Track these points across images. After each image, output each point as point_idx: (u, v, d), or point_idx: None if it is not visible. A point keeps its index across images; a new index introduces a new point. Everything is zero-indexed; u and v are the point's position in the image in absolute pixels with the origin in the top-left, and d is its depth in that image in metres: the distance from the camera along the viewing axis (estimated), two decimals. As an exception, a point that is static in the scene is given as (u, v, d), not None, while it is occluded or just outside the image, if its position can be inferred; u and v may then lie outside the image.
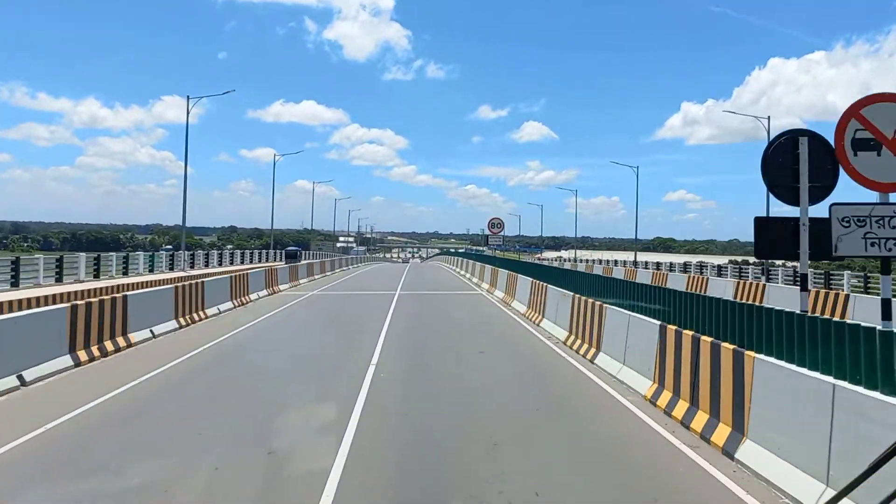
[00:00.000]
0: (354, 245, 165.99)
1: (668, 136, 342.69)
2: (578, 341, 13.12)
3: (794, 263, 7.95)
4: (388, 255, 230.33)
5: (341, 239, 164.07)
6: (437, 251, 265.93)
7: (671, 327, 8.75)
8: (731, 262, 66.53)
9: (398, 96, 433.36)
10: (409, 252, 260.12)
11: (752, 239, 7.81)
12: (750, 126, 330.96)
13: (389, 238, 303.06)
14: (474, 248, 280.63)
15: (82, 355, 10.85)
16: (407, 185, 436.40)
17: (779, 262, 30.58)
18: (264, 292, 24.70)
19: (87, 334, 11.14)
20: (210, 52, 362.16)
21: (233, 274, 21.40)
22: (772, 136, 8.87)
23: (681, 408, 7.94)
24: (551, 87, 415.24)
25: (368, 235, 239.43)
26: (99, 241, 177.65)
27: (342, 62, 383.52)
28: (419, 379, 10.12)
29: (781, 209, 7.22)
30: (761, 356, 6.46)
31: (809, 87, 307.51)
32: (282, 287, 27.85)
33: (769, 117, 35.95)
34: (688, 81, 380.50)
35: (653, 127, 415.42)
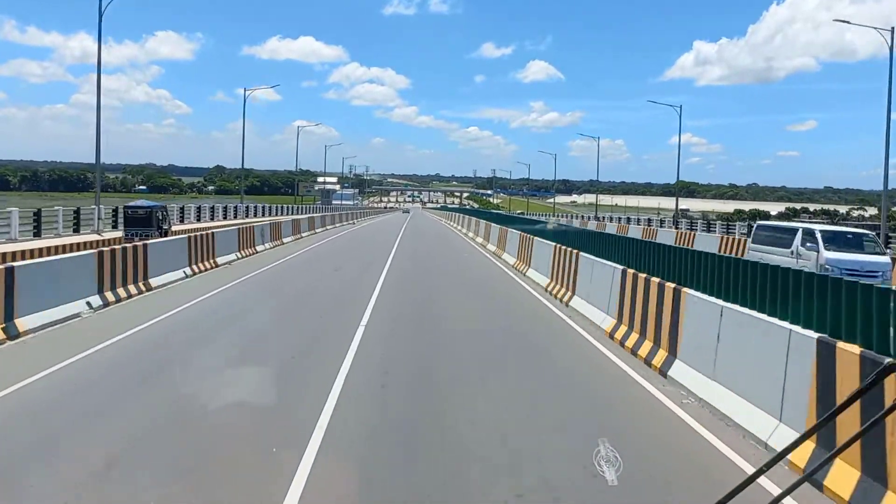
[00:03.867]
0: (338, 188, 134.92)
1: (677, 77, 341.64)
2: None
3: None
4: (383, 201, 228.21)
5: (320, 180, 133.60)
6: (439, 194, 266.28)
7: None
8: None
9: (399, 32, 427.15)
10: (410, 196, 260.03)
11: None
12: (762, 66, 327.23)
13: (389, 180, 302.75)
14: (479, 191, 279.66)
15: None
16: (408, 126, 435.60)
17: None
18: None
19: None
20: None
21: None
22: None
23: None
24: (558, 24, 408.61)
25: (366, 177, 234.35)
26: (62, 181, 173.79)
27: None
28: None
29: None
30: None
31: (827, 25, 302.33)
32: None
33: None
34: (701, 19, 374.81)
35: (662, 67, 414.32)
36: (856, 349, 5.09)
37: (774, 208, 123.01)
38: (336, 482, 5.10)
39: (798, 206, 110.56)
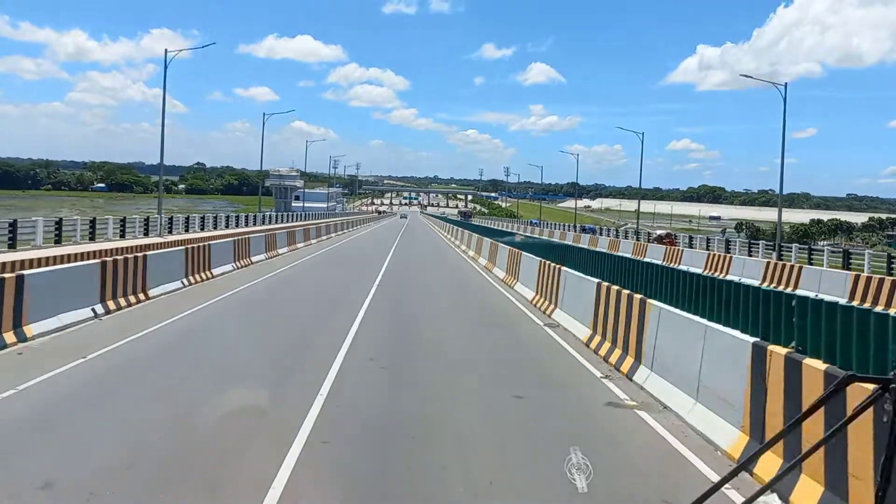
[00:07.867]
0: (300, 183, 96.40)
1: (678, 81, 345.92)
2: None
3: None
4: (375, 203, 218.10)
5: (274, 173, 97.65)
6: (440, 197, 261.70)
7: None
8: None
9: (399, 32, 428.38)
10: (406, 198, 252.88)
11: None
12: (767, 71, 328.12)
13: (386, 181, 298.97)
14: (483, 193, 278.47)
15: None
16: (407, 128, 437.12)
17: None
18: None
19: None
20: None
21: None
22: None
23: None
24: (561, 26, 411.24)
25: (358, 177, 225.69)
26: (7, 177, 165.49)
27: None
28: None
29: None
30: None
31: (835, 29, 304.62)
32: None
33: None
34: (706, 22, 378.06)
35: (665, 72, 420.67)
36: None
37: (853, 218, 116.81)
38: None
39: (883, 216, 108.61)
